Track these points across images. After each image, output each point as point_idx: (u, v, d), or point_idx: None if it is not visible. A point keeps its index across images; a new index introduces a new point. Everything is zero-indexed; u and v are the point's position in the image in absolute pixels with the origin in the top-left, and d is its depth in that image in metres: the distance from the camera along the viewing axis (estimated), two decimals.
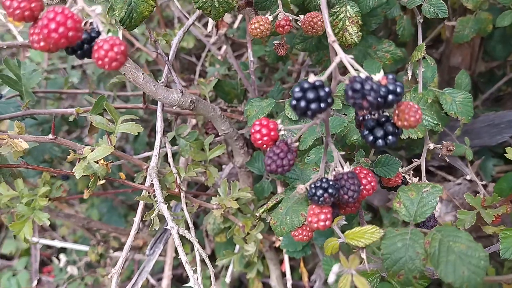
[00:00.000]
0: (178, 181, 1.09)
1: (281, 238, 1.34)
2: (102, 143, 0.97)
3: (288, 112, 0.95)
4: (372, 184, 0.65)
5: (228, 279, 1.37)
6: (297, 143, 0.65)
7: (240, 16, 1.67)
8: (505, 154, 1.00)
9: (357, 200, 0.63)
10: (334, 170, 0.64)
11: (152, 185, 1.04)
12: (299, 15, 0.86)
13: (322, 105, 0.54)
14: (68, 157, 0.93)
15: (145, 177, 1.08)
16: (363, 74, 0.54)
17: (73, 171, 0.91)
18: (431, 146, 0.84)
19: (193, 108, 1.07)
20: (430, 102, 0.99)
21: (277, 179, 1.29)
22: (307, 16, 0.84)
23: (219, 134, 1.19)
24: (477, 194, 1.04)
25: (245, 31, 1.74)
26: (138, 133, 1.01)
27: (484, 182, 1.26)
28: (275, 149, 0.63)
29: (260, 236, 1.24)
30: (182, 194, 1.08)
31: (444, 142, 0.82)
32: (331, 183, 0.61)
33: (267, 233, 1.41)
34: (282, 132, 0.65)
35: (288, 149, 0.63)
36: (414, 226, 0.64)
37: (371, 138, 0.59)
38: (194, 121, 1.42)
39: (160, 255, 1.48)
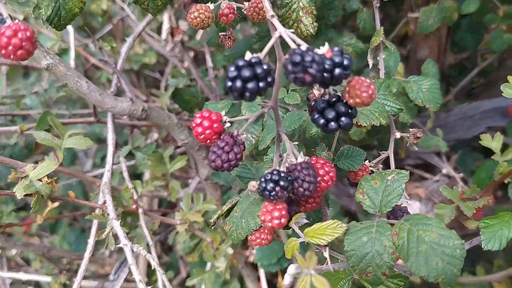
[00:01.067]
0: (135, 197, 1.01)
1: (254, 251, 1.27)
2: (48, 160, 0.88)
3: (245, 111, 0.89)
4: (331, 174, 0.58)
5: None
6: (244, 135, 0.59)
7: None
8: (479, 142, 0.95)
9: (314, 193, 0.56)
10: (287, 161, 0.57)
11: (105, 202, 0.96)
12: (244, 3, 0.80)
13: (261, 84, 0.48)
14: (9, 177, 0.85)
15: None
16: (304, 46, 0.48)
17: (14, 191, 0.83)
18: (398, 135, 0.78)
19: (146, 117, 0.99)
20: (395, 91, 0.94)
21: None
22: (252, 2, 0.78)
23: (179, 144, 1.12)
24: (454, 186, 0.98)
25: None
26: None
27: (461, 175, 1.21)
28: (219, 143, 0.56)
29: (230, 251, 1.16)
30: (140, 210, 1.00)
31: (410, 129, 0.76)
32: (282, 175, 0.54)
33: (241, 248, 1.33)
34: (227, 125, 0.58)
35: (234, 142, 0.56)
36: (380, 218, 0.57)
37: (322, 121, 0.52)
38: (156, 136, 1.35)
39: (128, 280, 1.38)
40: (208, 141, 0.57)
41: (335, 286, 0.67)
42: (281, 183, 0.53)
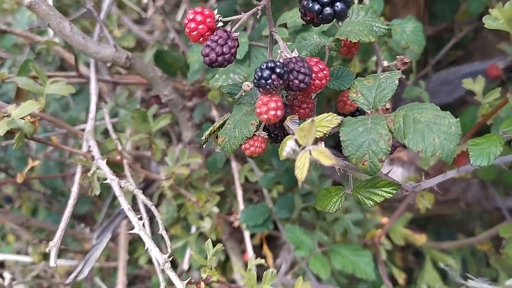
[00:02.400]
0: (119, 148, 0.99)
1: (238, 216, 1.25)
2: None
3: None
4: (325, 72, 0.58)
5: (186, 266, 1.25)
6: (238, 33, 0.58)
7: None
8: (462, 86, 0.97)
9: (309, 89, 0.56)
10: (281, 57, 0.57)
11: (89, 151, 0.94)
12: None
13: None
14: None
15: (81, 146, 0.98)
16: None
17: None
18: (385, 63, 0.79)
19: (130, 66, 0.98)
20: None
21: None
22: None
23: (162, 100, 1.11)
24: None
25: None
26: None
27: None
28: (213, 37, 0.56)
29: (216, 210, 1.15)
30: (125, 161, 0.98)
31: (398, 56, 0.77)
32: (278, 63, 0.53)
33: (226, 215, 1.32)
34: (220, 24, 0.58)
35: (228, 36, 0.56)
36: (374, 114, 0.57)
37: (317, 7, 0.52)
38: (139, 94, 1.33)
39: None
40: (201, 38, 0.57)
41: (328, 204, 0.67)
42: (277, 70, 0.53)
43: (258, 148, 0.62)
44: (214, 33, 0.56)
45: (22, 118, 0.82)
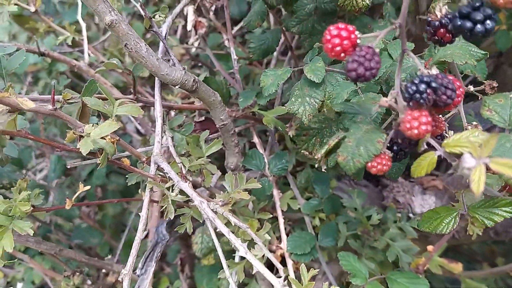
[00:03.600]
0: (184, 171, 0.96)
1: (285, 246, 1.22)
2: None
3: (310, 74, 0.89)
4: (461, 89, 0.59)
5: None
6: (378, 50, 0.59)
7: None
8: None
9: (452, 103, 0.56)
10: (420, 71, 0.57)
11: (158, 174, 0.91)
12: None
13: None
14: (67, 136, 0.79)
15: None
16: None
17: (78, 147, 0.77)
18: (471, 88, 0.81)
19: (196, 89, 0.97)
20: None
21: (276, 175, 1.20)
22: None
23: (217, 125, 1.09)
24: None
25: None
26: None
27: None
28: (360, 52, 0.56)
29: (268, 237, 1.12)
30: (189, 184, 0.95)
31: (485, 81, 0.79)
32: (434, 77, 0.54)
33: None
34: (358, 41, 0.59)
35: (373, 52, 0.56)
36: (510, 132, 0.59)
37: (469, 24, 0.54)
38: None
39: None
40: (343, 54, 0.57)
41: (439, 225, 0.67)
42: (433, 84, 0.53)
43: (385, 166, 0.62)
44: (359, 49, 0.57)
45: (102, 138, 0.80)
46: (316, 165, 0.68)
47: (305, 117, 0.89)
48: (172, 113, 1.24)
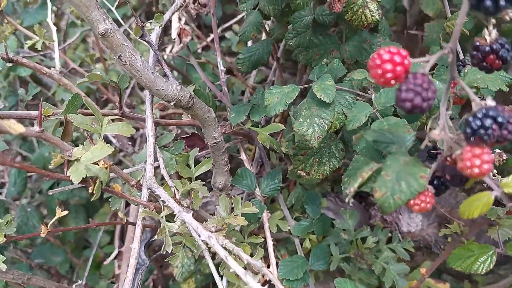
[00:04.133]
0: (177, 196, 0.88)
1: (273, 269, 1.15)
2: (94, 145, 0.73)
3: (320, 93, 0.82)
4: None
5: None
6: (431, 78, 0.53)
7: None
8: None
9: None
10: (478, 105, 0.52)
11: (150, 200, 0.82)
12: None
13: None
14: (53, 161, 0.69)
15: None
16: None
17: (68, 175, 0.67)
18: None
19: (191, 106, 0.88)
20: None
21: (269, 196, 1.13)
22: None
23: (209, 143, 1.01)
24: None
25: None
26: None
27: None
28: (415, 80, 0.50)
29: (261, 264, 1.05)
30: (184, 211, 0.86)
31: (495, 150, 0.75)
32: (498, 111, 0.49)
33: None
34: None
35: (429, 80, 0.50)
36: None
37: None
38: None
39: None
40: (394, 81, 0.51)
41: (473, 264, 0.62)
42: (499, 119, 0.48)
43: (428, 203, 0.56)
44: (413, 76, 0.51)
45: (95, 163, 0.70)
46: (346, 199, 0.61)
47: (314, 140, 0.83)
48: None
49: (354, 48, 1.06)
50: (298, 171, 1.05)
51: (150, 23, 0.85)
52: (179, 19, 1.19)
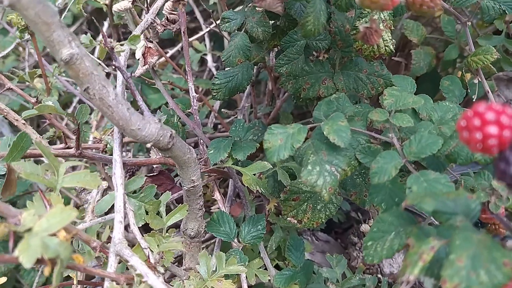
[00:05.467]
0: (152, 260, 0.70)
1: None
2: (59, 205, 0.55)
3: (333, 136, 0.69)
4: None
5: None
6: None
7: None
8: None
9: None
10: None
11: (122, 272, 0.64)
12: None
13: None
14: None
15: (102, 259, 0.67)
16: None
17: (16, 255, 0.48)
18: None
19: (171, 147, 0.72)
20: None
21: (252, 245, 0.97)
22: None
23: (187, 186, 0.84)
24: None
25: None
26: None
27: None
28: None
29: None
30: (160, 278, 0.69)
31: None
32: None
33: None
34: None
35: None
36: None
37: None
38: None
39: None
40: (496, 149, 0.38)
41: None
42: None
43: None
44: None
45: (52, 234, 0.52)
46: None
47: (325, 191, 0.69)
48: None
49: (349, 77, 0.94)
50: (289, 218, 0.91)
51: (122, 44, 0.67)
52: (145, 36, 1.01)
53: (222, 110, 1.29)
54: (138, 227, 0.76)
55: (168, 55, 1.50)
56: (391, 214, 0.60)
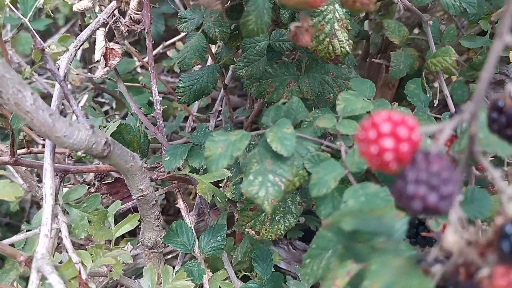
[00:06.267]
0: (84, 276, 0.66)
1: None
2: None
3: (276, 144, 0.64)
4: None
5: None
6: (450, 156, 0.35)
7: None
8: None
9: None
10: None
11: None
12: None
13: None
14: None
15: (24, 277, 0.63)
16: None
17: None
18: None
19: (108, 154, 0.67)
20: None
21: (211, 256, 0.93)
22: None
23: (134, 196, 0.80)
24: None
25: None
26: None
27: None
28: (427, 165, 0.32)
29: None
30: None
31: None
32: None
33: None
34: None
35: (449, 165, 0.33)
36: None
37: None
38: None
39: None
40: (395, 164, 0.32)
41: None
42: None
43: None
44: (424, 157, 0.33)
45: None
46: None
47: (267, 203, 0.64)
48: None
49: (315, 80, 0.89)
50: (246, 229, 0.86)
51: (50, 46, 0.63)
52: (105, 37, 0.97)
53: (194, 114, 1.24)
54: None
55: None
56: (331, 229, 0.55)
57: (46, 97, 1.52)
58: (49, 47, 0.63)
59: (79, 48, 0.78)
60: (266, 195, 0.64)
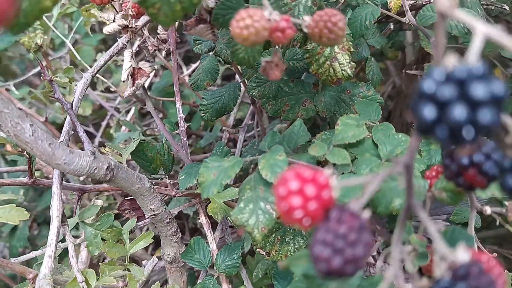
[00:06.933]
0: None
1: None
2: None
3: (266, 172, 0.64)
4: (503, 279, 0.35)
5: None
6: (367, 212, 0.34)
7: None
8: None
9: None
10: (446, 260, 0.33)
11: None
12: (303, 17, 0.55)
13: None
14: None
15: None
16: None
17: None
18: (488, 210, 0.57)
19: (111, 178, 0.71)
20: None
21: (225, 276, 0.94)
22: (321, 15, 0.52)
23: (146, 216, 0.83)
24: None
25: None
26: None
27: None
28: (337, 226, 0.31)
29: None
30: None
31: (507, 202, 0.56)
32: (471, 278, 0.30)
33: None
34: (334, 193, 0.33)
35: (361, 225, 0.31)
36: None
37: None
38: (99, 202, 1.03)
39: None
40: (307, 221, 0.32)
41: None
42: None
43: None
44: (336, 217, 0.32)
45: None
46: None
47: (257, 231, 0.64)
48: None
49: (331, 98, 0.87)
50: (257, 249, 0.86)
51: (56, 76, 0.67)
52: (131, 57, 1.01)
53: (224, 128, 1.26)
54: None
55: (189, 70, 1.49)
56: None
57: (99, 109, 1.61)
58: (53, 78, 0.67)
59: (96, 73, 0.82)
60: (256, 222, 0.64)
